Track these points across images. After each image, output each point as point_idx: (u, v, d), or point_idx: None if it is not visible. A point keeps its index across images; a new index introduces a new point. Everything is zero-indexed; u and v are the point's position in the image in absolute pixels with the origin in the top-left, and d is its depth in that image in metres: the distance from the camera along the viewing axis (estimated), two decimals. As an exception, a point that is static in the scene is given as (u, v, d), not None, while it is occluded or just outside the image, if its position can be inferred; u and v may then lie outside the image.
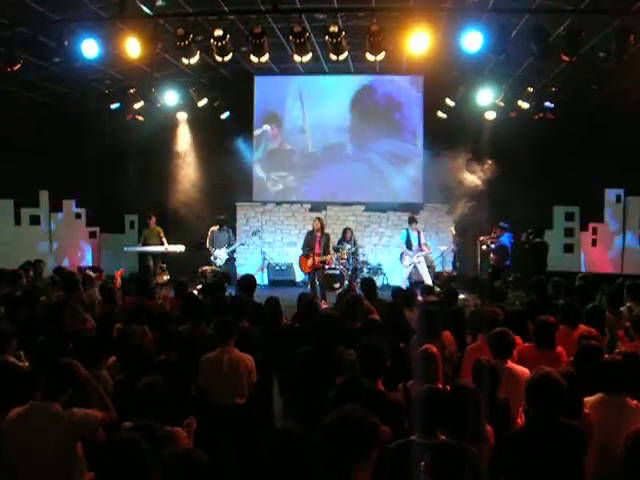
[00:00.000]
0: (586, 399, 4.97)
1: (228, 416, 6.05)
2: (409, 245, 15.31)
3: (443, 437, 4.11)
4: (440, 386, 5.03)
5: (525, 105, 15.23)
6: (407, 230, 15.60)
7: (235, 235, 17.05)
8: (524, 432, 4.57)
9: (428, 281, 14.43)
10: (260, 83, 18.17)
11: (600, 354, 5.64)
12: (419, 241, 15.35)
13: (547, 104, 15.11)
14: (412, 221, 15.67)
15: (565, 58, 11.09)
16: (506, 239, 15.07)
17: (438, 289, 12.65)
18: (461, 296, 9.49)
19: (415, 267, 15.28)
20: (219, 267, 15.34)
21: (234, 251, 16.33)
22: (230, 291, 10.64)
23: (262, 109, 18.37)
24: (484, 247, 15.45)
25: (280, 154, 18.45)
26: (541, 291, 9.66)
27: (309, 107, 18.20)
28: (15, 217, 16.61)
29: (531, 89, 14.91)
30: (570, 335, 6.82)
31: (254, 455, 4.57)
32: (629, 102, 14.15)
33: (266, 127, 18.40)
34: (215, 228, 15.77)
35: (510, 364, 5.90)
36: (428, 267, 15.47)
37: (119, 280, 11.75)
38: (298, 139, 18.40)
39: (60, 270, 12.30)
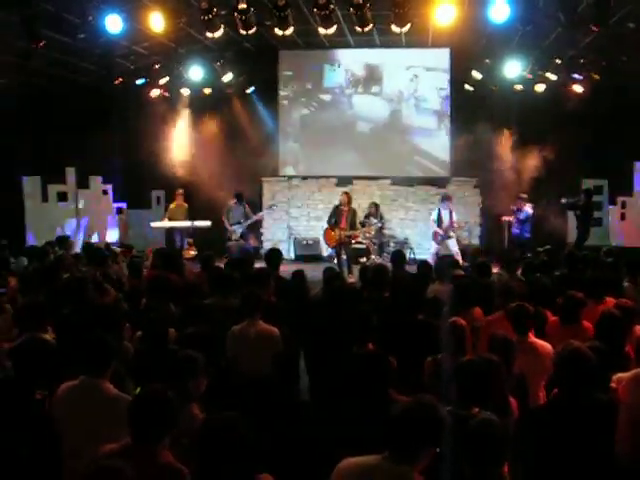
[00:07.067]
0: (620, 375, 4.88)
1: (255, 388, 6.08)
2: (440, 223, 15.18)
3: (477, 410, 4.09)
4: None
5: (553, 77, 15.03)
6: (438, 208, 15.47)
7: (256, 210, 16.71)
8: (552, 406, 4.54)
9: (458, 257, 14.34)
10: (285, 57, 18.07)
11: (622, 325, 5.58)
12: (450, 219, 15.20)
13: (575, 76, 14.89)
14: (445, 199, 15.53)
15: (594, 28, 10.92)
16: (529, 210, 14.94)
17: (466, 263, 12.63)
18: (495, 270, 9.43)
19: (445, 243, 15.15)
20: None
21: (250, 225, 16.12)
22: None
23: (288, 83, 18.31)
24: (510, 219, 15.29)
25: (306, 129, 18.37)
26: (572, 265, 9.56)
27: (335, 82, 18.14)
28: (42, 194, 16.73)
29: (559, 61, 14.69)
30: (595, 309, 6.74)
31: (280, 427, 4.66)
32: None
33: (288, 101, 18.36)
34: (231, 202, 15.67)
35: (532, 338, 5.82)
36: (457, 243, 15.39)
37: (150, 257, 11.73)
38: (325, 113, 18.31)
39: (88, 246, 12.38)
